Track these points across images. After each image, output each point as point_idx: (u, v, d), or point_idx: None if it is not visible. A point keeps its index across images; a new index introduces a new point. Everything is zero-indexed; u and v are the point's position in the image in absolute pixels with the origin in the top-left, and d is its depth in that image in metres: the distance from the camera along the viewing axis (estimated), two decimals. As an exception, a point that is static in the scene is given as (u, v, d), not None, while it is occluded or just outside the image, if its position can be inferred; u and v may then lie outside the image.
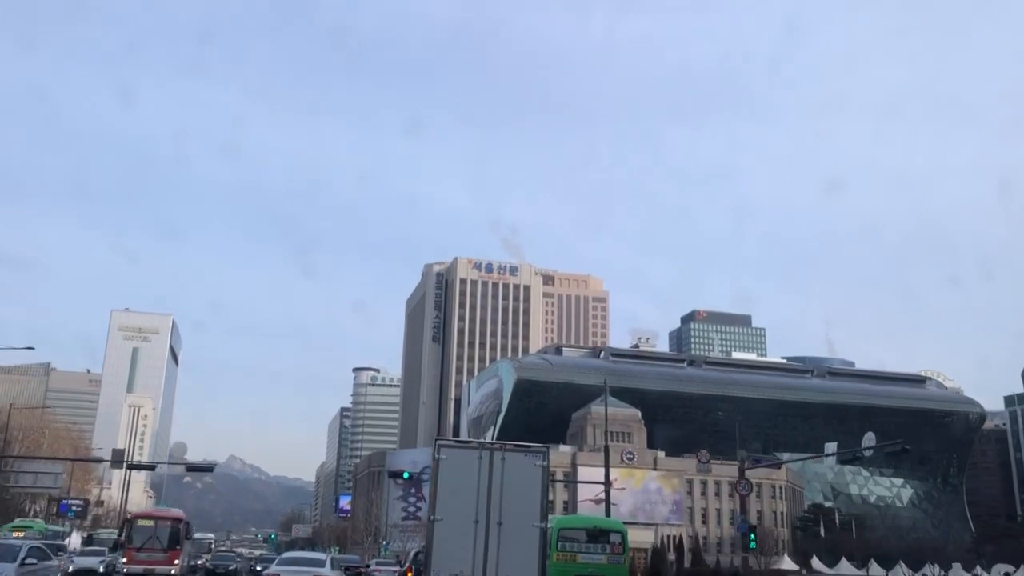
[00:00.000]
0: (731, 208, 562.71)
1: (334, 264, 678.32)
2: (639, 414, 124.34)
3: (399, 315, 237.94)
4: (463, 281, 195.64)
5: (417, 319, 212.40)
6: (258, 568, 45.41)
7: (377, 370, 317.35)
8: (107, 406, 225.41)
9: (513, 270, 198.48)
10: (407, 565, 35.18)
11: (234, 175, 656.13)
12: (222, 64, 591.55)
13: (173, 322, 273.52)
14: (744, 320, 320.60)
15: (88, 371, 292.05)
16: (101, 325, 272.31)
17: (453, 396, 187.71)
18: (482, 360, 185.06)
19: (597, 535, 24.65)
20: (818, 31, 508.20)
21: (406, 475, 40.08)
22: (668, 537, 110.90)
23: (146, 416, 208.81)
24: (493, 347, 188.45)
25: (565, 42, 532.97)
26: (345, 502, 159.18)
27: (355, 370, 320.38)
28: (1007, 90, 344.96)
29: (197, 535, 57.24)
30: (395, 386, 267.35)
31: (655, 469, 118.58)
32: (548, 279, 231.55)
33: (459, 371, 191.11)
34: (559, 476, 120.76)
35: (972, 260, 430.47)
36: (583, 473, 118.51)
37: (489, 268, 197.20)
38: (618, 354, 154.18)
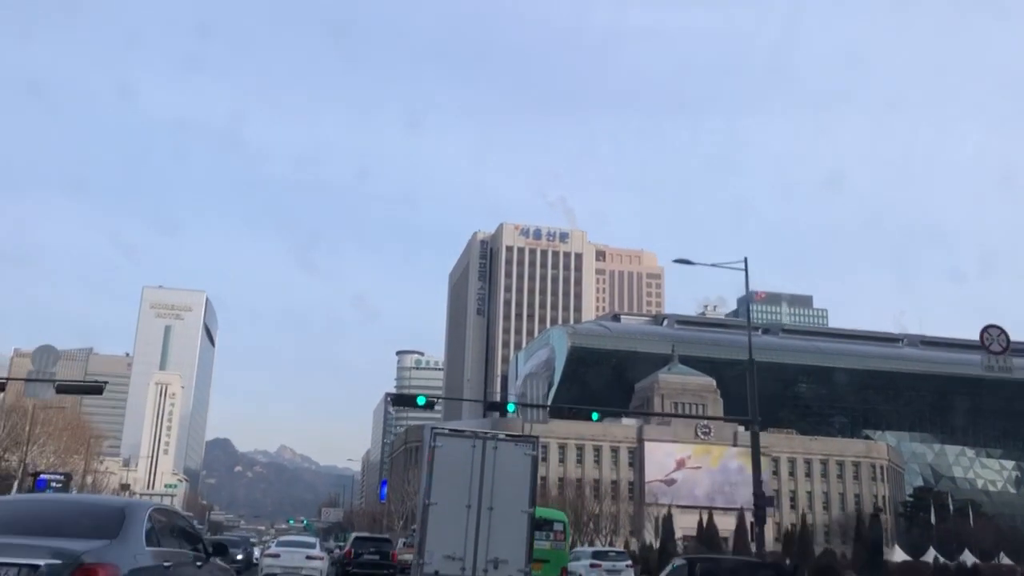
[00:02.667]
0: (773, 192, 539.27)
1: (372, 249, 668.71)
2: (714, 383, 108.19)
3: (443, 296, 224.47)
4: (509, 249, 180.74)
5: (460, 292, 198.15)
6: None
7: (421, 353, 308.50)
8: (138, 387, 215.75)
9: (563, 236, 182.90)
10: (347, 547, 35.23)
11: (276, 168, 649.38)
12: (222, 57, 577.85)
13: (207, 299, 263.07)
14: (805, 300, 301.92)
15: (127, 355, 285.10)
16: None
17: (500, 372, 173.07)
18: (530, 334, 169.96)
19: (541, 524, 24.71)
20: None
21: (421, 400, 23.79)
22: (753, 524, 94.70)
23: (174, 395, 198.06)
24: (542, 319, 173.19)
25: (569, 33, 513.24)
26: (387, 488, 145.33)
27: (398, 353, 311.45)
28: (1008, 84, 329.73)
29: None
30: (439, 369, 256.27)
31: (735, 445, 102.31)
32: (599, 254, 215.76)
33: (505, 345, 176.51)
34: (623, 452, 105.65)
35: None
36: (651, 449, 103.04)
37: (538, 234, 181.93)
38: (684, 321, 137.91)
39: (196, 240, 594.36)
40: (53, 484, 70.35)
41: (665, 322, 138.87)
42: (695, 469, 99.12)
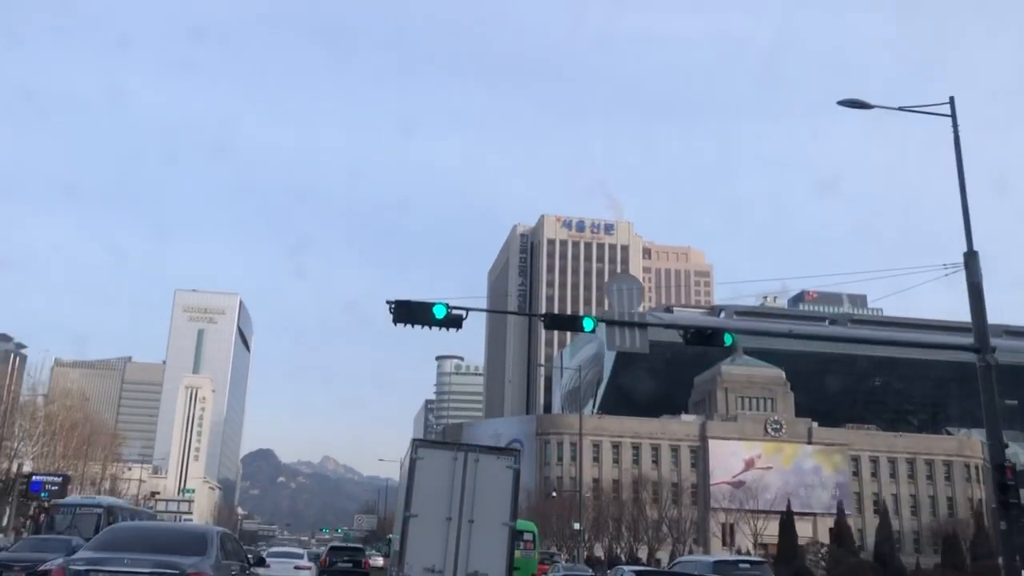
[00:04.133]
0: (810, 191, 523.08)
1: (406, 253, 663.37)
2: (783, 375, 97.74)
3: (481, 296, 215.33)
4: (551, 242, 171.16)
5: (500, 290, 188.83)
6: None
7: (461, 358, 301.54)
8: (170, 392, 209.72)
9: (608, 228, 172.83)
10: (323, 556, 36.73)
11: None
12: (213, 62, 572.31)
13: (240, 302, 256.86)
14: (859, 300, 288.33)
15: (164, 362, 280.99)
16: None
17: (543, 373, 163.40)
18: (574, 333, 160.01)
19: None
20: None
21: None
22: (832, 531, 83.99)
23: (204, 399, 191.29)
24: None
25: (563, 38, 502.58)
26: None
27: (438, 358, 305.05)
28: (1000, 88, 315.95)
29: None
30: (479, 374, 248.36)
31: (810, 443, 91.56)
32: (644, 252, 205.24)
33: (548, 344, 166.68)
34: (683, 450, 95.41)
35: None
36: (715, 448, 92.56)
37: (580, 226, 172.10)
38: (744, 312, 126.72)
39: (224, 244, 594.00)
40: (49, 486, 62.73)
41: (723, 313, 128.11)
42: (765, 469, 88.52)
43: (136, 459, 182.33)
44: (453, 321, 17.76)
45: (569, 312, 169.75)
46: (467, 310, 17.99)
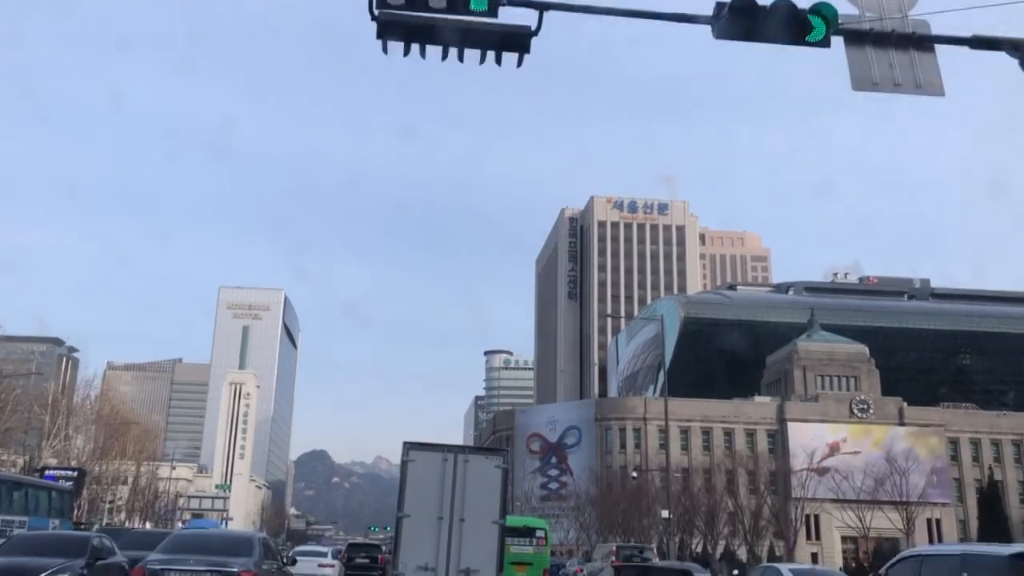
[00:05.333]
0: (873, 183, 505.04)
1: (454, 251, 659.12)
2: (866, 350, 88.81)
3: (529, 288, 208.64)
4: (602, 225, 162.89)
5: (549, 277, 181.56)
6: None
7: (510, 352, 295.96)
8: (216, 390, 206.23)
9: (662, 208, 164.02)
10: (342, 552, 38.18)
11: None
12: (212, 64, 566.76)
13: (285, 297, 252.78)
14: (924, 283, 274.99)
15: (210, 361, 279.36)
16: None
17: (596, 360, 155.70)
18: (628, 317, 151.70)
19: (525, 531, 29.00)
20: None
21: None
22: (932, 522, 75.28)
23: (249, 394, 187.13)
24: (641, 300, 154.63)
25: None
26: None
27: (487, 353, 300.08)
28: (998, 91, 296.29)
29: None
30: (529, 369, 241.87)
31: (902, 424, 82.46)
32: (699, 237, 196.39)
33: (602, 331, 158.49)
34: (760, 435, 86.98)
35: None
36: (795, 431, 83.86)
37: (633, 207, 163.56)
38: (814, 288, 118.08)
39: (269, 243, 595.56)
40: (62, 480, 57.33)
41: (791, 291, 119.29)
42: (852, 454, 79.66)
43: (180, 458, 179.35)
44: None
45: (623, 298, 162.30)
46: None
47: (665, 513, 45.79)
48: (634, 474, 73.63)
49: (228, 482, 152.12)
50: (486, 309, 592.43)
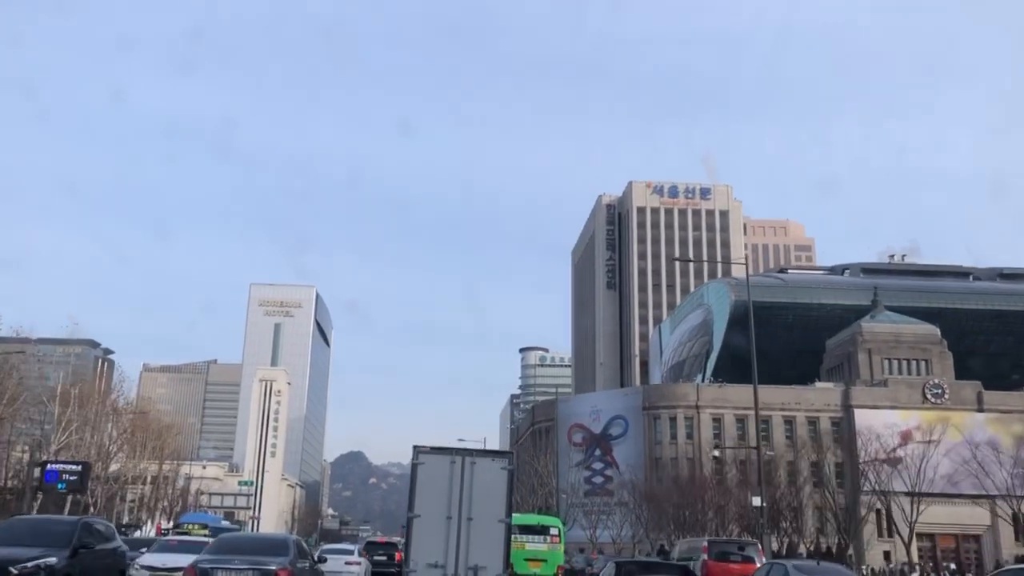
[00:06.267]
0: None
1: (478, 253, 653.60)
2: (937, 331, 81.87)
3: (565, 282, 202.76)
4: (641, 211, 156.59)
5: (586, 268, 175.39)
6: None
7: (546, 349, 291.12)
8: (248, 389, 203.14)
9: (704, 192, 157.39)
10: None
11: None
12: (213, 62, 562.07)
13: (317, 294, 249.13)
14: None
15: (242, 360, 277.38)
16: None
17: (637, 351, 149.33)
18: (671, 307, 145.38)
19: (539, 529, 30.32)
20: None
21: None
22: (1020, 516, 67.88)
23: (279, 391, 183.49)
24: (684, 289, 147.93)
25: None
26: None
27: (522, 350, 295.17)
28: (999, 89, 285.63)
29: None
30: (566, 365, 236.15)
31: (981, 410, 75.33)
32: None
33: (643, 322, 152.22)
34: (823, 423, 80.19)
35: None
36: (862, 418, 76.94)
37: (673, 192, 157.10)
38: (871, 269, 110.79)
39: (298, 240, 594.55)
40: (66, 476, 52.61)
41: (847, 272, 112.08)
42: (928, 443, 72.60)
43: (214, 458, 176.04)
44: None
45: (664, 285, 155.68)
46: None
47: (757, 500, 39.56)
48: (716, 453, 67.24)
49: (261, 481, 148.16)
50: (521, 307, 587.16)
